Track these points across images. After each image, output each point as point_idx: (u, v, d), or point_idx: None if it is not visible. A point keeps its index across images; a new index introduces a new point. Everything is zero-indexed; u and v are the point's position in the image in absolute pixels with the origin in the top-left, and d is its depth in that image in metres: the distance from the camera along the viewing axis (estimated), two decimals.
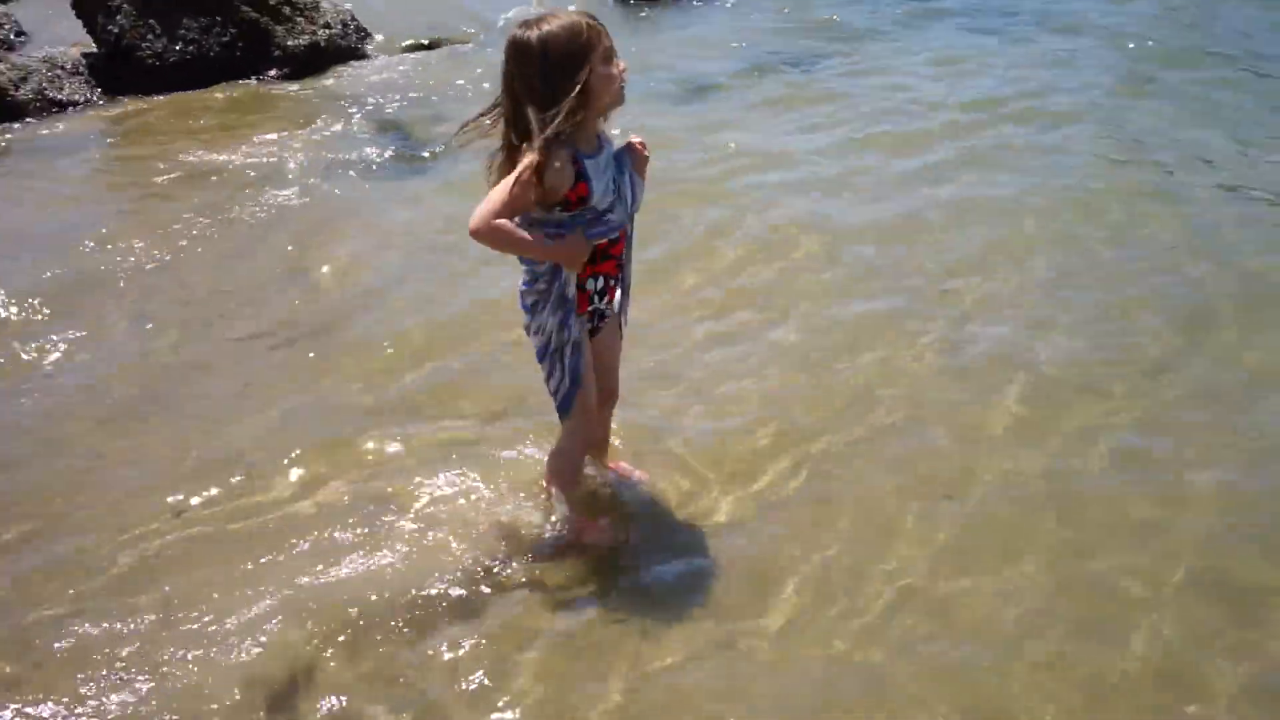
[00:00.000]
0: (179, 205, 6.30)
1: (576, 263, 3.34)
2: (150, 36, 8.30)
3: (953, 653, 3.18)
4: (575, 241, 3.30)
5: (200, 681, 3.05)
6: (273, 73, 8.51)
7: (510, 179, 3.16)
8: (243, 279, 5.49)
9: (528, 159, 3.14)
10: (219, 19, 8.45)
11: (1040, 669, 3.11)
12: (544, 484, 3.82)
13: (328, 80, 8.54)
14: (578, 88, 3.14)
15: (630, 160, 3.43)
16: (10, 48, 8.73)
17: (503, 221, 3.18)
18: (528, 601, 3.38)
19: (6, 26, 9.17)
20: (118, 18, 8.27)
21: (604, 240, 3.39)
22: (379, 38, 9.47)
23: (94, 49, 8.45)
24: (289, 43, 8.58)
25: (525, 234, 3.25)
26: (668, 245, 5.66)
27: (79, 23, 8.55)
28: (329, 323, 5.08)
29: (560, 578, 3.49)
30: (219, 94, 8.21)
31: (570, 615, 3.34)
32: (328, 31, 8.81)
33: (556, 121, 3.12)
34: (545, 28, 3.15)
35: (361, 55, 9.08)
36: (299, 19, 8.70)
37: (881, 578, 3.46)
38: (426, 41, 9.41)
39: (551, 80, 3.14)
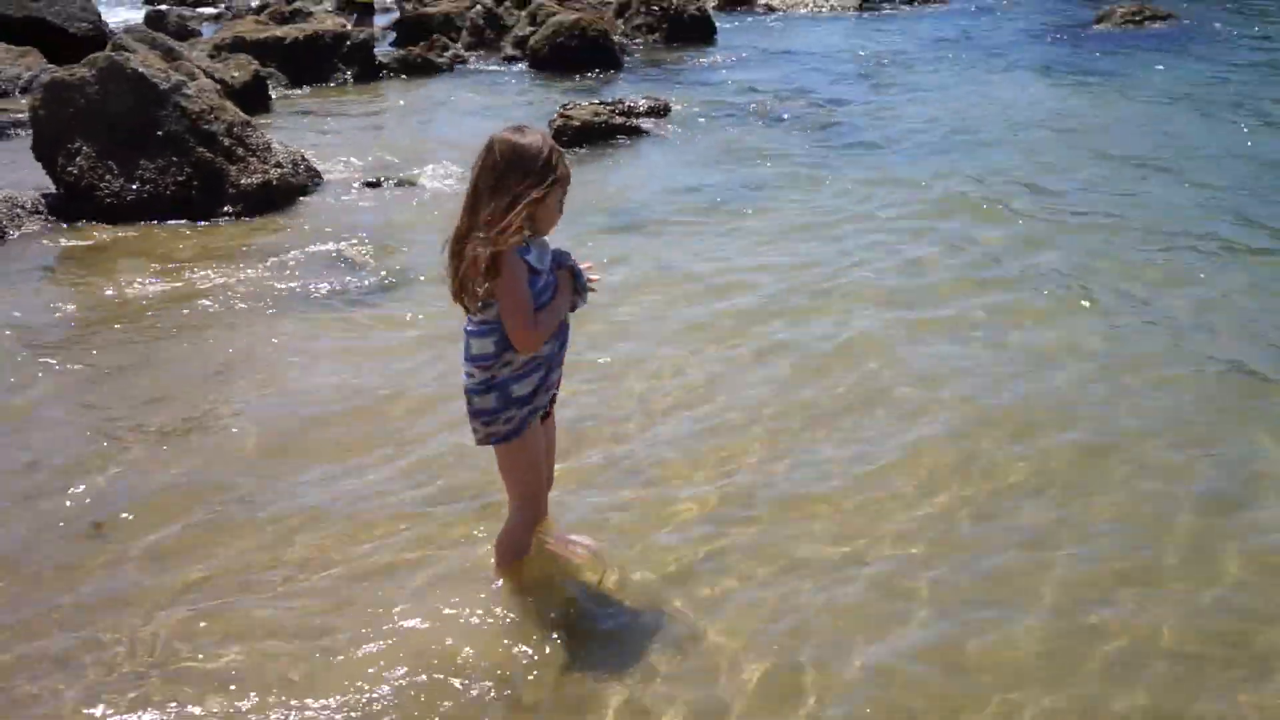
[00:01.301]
0: (104, 330, 6.61)
1: (577, 293, 3.83)
2: (109, 176, 8.67)
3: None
4: (564, 279, 3.77)
5: None
6: (226, 209, 8.86)
7: (510, 284, 3.55)
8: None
9: (507, 264, 3.54)
10: (175, 159, 8.84)
11: None
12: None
13: (278, 217, 8.90)
14: (544, 195, 3.57)
15: (566, 263, 3.85)
16: None
17: (534, 323, 3.61)
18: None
19: None
20: (77, 159, 8.65)
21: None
22: (329, 176, 9.91)
23: (53, 190, 8.80)
24: (242, 181, 8.96)
25: (545, 312, 3.67)
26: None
27: (35, 170, 8.93)
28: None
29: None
30: (171, 229, 8.54)
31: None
32: (279, 170, 9.21)
33: (515, 224, 3.51)
34: (540, 138, 3.61)
35: (311, 192, 9.49)
36: (251, 159, 9.10)
37: None
38: (376, 179, 9.83)
39: (526, 187, 3.54)
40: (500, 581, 4.06)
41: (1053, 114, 11.80)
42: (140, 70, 8.88)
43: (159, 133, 8.82)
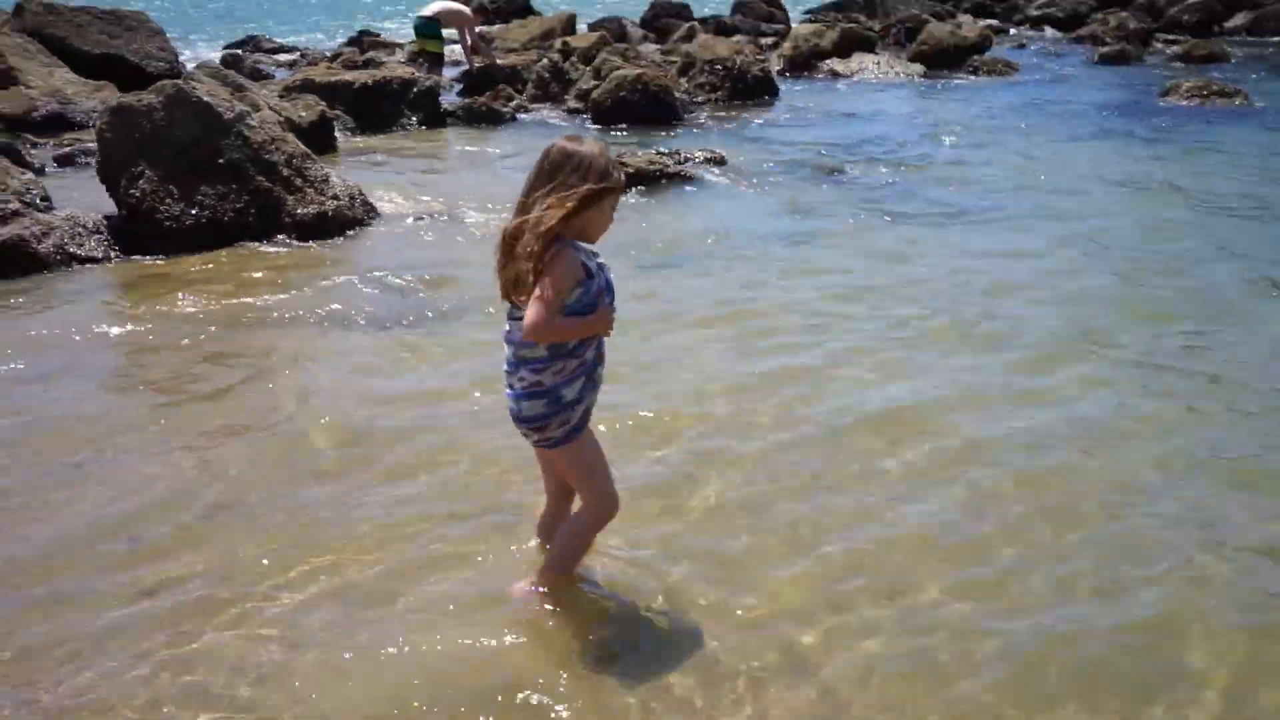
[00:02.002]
0: (168, 354, 6.70)
1: (609, 327, 3.76)
2: (169, 200, 8.84)
3: None
4: (603, 312, 3.71)
5: None
6: (281, 237, 8.99)
7: (556, 272, 3.57)
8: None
9: (561, 255, 3.58)
10: (235, 187, 8.99)
11: None
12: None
13: (332, 246, 9.01)
14: (595, 194, 3.61)
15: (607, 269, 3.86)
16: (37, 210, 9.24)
17: (554, 322, 3.58)
18: None
19: (34, 192, 9.72)
20: (140, 183, 8.83)
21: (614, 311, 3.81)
22: (385, 211, 10.02)
23: (115, 212, 8.98)
24: (299, 210, 9.09)
25: (573, 323, 3.65)
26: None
27: (100, 194, 9.13)
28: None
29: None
30: (226, 254, 8.68)
31: None
32: (335, 202, 9.34)
33: (567, 207, 3.57)
34: (599, 148, 3.68)
35: (366, 225, 9.60)
36: (309, 189, 9.24)
37: None
38: (430, 215, 9.92)
39: (581, 183, 3.60)
40: (538, 593, 4.02)
41: (1116, 181, 11.65)
42: (206, 99, 9.07)
43: (220, 160, 8.99)
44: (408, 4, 36.32)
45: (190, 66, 18.22)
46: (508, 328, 3.81)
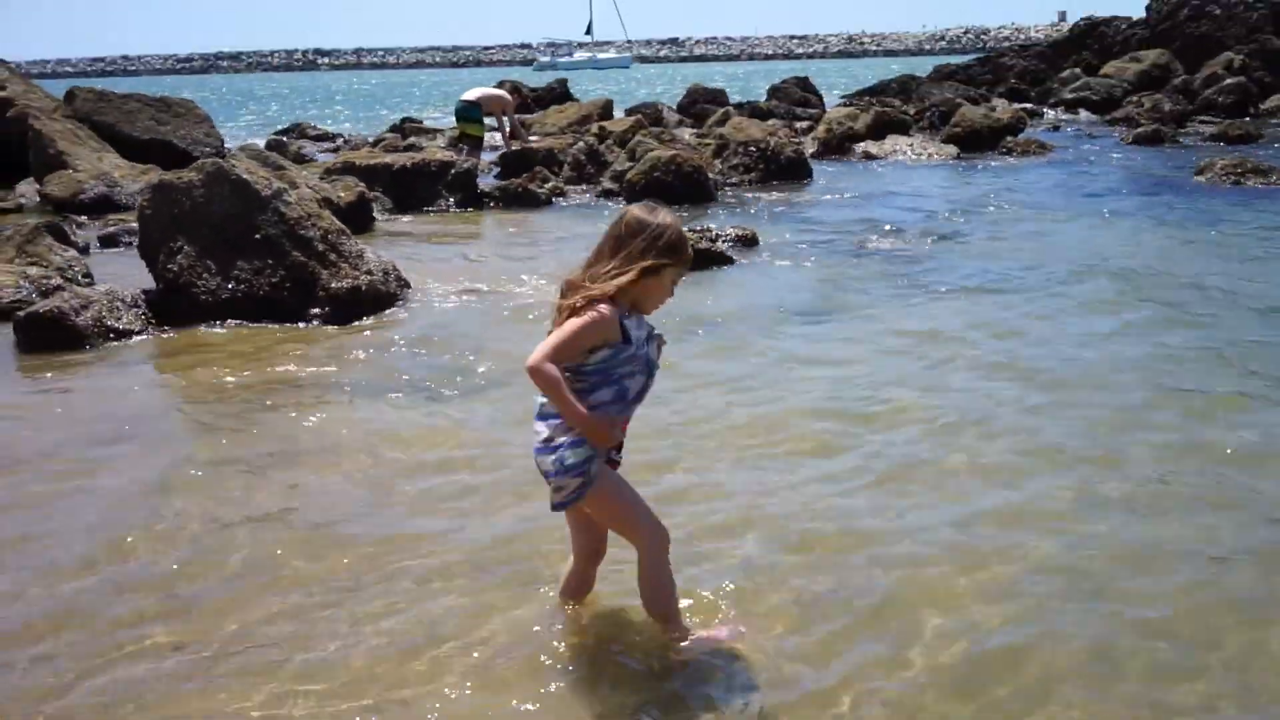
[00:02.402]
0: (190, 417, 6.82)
1: (604, 441, 3.71)
2: (206, 275, 9.00)
3: None
4: (610, 422, 3.68)
5: None
6: (315, 311, 9.10)
7: (578, 322, 3.60)
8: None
9: (597, 309, 3.62)
10: (270, 262, 9.15)
11: None
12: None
13: (366, 321, 9.10)
14: (660, 267, 3.68)
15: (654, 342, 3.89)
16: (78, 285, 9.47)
17: (554, 370, 3.58)
18: None
19: (76, 268, 9.97)
20: (178, 257, 9.01)
21: (626, 421, 3.81)
22: (419, 287, 10.14)
23: (154, 286, 9.15)
24: (333, 285, 9.21)
25: (569, 394, 3.62)
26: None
27: (141, 270, 9.33)
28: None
29: None
30: (260, 328, 8.81)
31: None
32: (369, 277, 9.46)
33: (625, 278, 3.64)
34: (672, 220, 3.76)
35: (400, 301, 9.70)
36: (344, 264, 9.38)
37: None
38: (463, 290, 10.03)
39: (645, 254, 3.67)
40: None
41: (1149, 264, 11.51)
42: (244, 176, 9.29)
43: (257, 236, 9.17)
44: (451, 95, 37.05)
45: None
46: None
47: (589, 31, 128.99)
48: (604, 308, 3.64)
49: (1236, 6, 34.27)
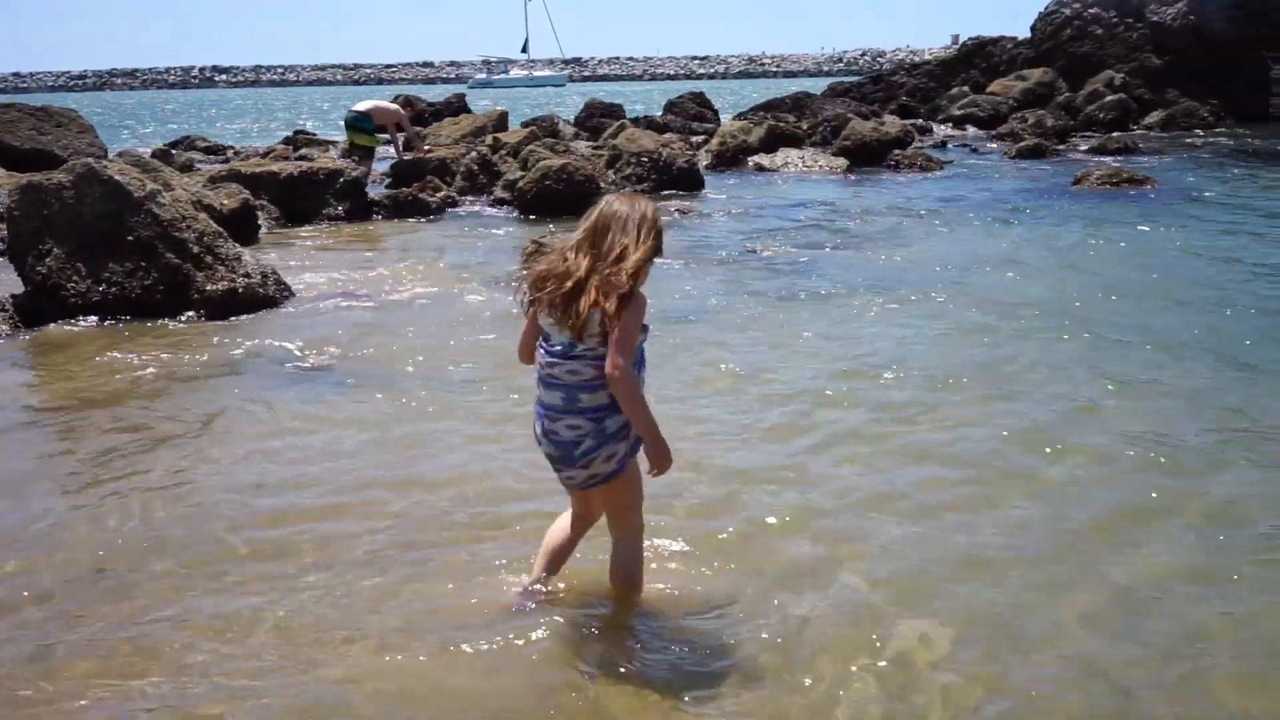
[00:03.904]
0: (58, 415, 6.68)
1: (665, 462, 3.81)
2: (76, 277, 8.84)
3: None
4: (665, 450, 3.80)
5: None
6: (189, 314, 8.98)
7: (636, 315, 3.71)
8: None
9: (632, 303, 3.71)
10: (143, 263, 9.02)
11: None
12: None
13: (240, 323, 8.99)
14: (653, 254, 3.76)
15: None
16: None
17: (634, 379, 3.72)
18: None
19: None
20: (47, 260, 8.84)
21: None
22: (300, 292, 10.05)
23: (21, 289, 8.96)
24: (208, 287, 9.11)
25: (648, 408, 3.76)
26: None
27: (9, 276, 9.14)
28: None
29: None
30: (131, 328, 8.67)
31: None
32: (247, 280, 9.36)
33: (641, 268, 3.72)
34: (651, 206, 3.84)
35: (279, 304, 9.60)
36: (220, 267, 9.28)
37: None
38: (344, 293, 9.97)
39: (649, 241, 3.75)
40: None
41: (1018, 260, 11.96)
42: (116, 177, 9.15)
43: (130, 237, 9.04)
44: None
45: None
46: (554, 376, 3.84)
47: (525, 49, 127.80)
48: (638, 293, 3.73)
49: (1117, 27, 35.39)
